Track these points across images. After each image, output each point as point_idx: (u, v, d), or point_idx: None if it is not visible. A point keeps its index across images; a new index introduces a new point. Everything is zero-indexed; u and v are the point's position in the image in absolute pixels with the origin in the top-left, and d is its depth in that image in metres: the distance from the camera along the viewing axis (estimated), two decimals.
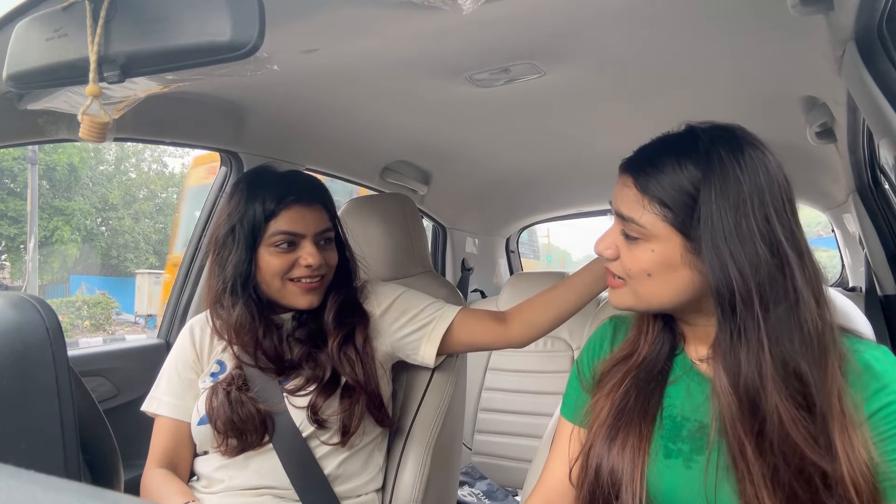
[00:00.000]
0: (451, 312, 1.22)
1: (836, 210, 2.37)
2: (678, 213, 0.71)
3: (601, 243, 0.80)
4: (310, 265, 1.11)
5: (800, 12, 0.88)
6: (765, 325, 0.67)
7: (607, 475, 0.76)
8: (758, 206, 0.68)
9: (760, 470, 0.66)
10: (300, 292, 1.13)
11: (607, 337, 0.90)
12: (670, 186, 0.71)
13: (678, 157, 0.72)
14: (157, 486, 1.09)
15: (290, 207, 1.11)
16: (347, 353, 1.14)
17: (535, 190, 2.59)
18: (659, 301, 0.76)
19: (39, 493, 0.28)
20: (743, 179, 0.69)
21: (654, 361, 0.81)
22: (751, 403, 0.68)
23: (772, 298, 0.67)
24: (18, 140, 1.19)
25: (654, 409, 0.77)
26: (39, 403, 0.60)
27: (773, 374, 0.67)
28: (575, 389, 0.90)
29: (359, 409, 1.12)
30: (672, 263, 0.73)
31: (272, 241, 1.11)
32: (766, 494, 0.66)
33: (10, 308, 0.62)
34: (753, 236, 0.67)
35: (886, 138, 0.85)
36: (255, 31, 0.64)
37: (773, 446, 0.66)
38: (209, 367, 1.17)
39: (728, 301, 0.68)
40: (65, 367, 0.63)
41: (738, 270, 0.67)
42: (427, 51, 1.19)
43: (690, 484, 0.73)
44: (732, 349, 0.69)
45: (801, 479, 0.65)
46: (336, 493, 1.12)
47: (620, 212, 0.76)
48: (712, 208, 0.69)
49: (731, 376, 0.69)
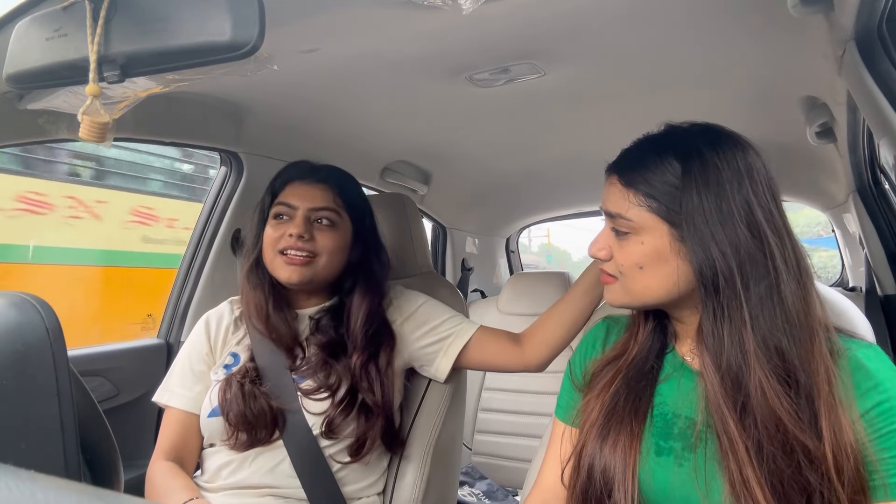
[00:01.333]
0: (470, 329, 1.22)
1: (836, 210, 2.37)
2: (662, 202, 0.73)
3: (594, 246, 0.82)
4: (292, 234, 1.12)
5: (800, 12, 0.88)
6: (746, 303, 0.69)
7: (599, 474, 0.76)
8: (737, 190, 0.71)
9: (744, 445, 0.68)
10: (283, 264, 1.13)
11: (599, 337, 0.91)
12: (653, 178, 0.74)
13: (659, 151, 0.75)
14: (163, 480, 1.09)
15: (292, 183, 1.18)
16: (369, 371, 1.14)
17: (535, 190, 2.59)
18: (651, 295, 0.77)
19: (39, 493, 0.28)
20: (721, 166, 0.72)
21: (645, 360, 0.82)
22: (733, 380, 0.70)
23: (752, 277, 0.70)
24: (18, 140, 1.19)
25: (644, 407, 0.78)
26: (39, 403, 0.60)
27: (755, 350, 0.68)
28: (567, 390, 0.90)
29: (374, 431, 1.12)
30: (662, 254, 0.74)
31: (272, 214, 1.17)
32: (751, 471, 0.67)
33: (10, 308, 0.62)
34: (733, 218, 0.70)
35: (886, 138, 0.85)
36: (255, 31, 0.64)
37: (757, 421, 0.68)
38: (223, 359, 1.17)
39: (711, 281, 0.71)
40: (65, 367, 0.62)
41: (719, 251, 0.70)
42: (427, 51, 1.19)
43: (682, 481, 0.73)
44: (715, 329, 0.71)
45: (785, 455, 0.66)
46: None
47: (608, 210, 0.79)
48: (693, 193, 0.72)
49: (715, 355, 0.71)
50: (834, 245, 2.78)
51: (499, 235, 3.16)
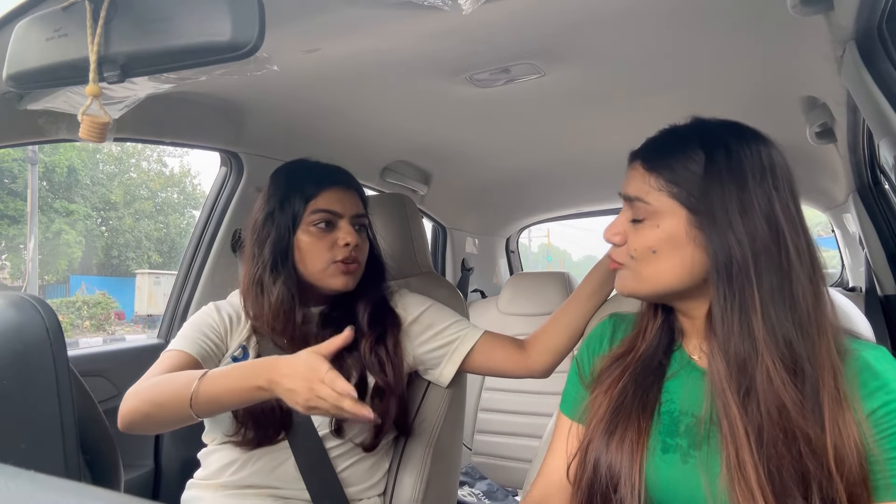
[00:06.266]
0: (475, 334, 1.21)
1: (836, 210, 2.37)
2: (684, 188, 0.74)
3: (609, 230, 0.82)
4: (348, 243, 1.12)
5: (800, 12, 0.88)
6: (758, 292, 0.70)
7: (605, 470, 0.76)
8: (759, 183, 0.72)
9: (744, 428, 0.68)
10: (338, 273, 1.13)
11: (607, 334, 0.91)
12: (677, 164, 0.75)
13: (685, 139, 0.76)
14: (163, 377, 0.98)
15: (330, 189, 1.15)
16: (379, 353, 1.14)
17: (535, 190, 2.59)
18: (664, 282, 0.77)
19: (39, 493, 0.28)
20: (746, 158, 0.73)
21: (652, 356, 0.82)
22: (740, 365, 0.70)
23: (766, 268, 0.70)
24: (18, 140, 1.19)
25: (652, 403, 0.78)
26: (39, 403, 0.60)
27: (764, 338, 0.69)
28: (574, 385, 0.90)
29: (390, 413, 1.12)
30: (677, 240, 0.75)
31: (311, 221, 1.13)
32: (747, 454, 0.67)
33: (10, 308, 0.62)
34: (753, 210, 0.71)
35: (886, 138, 0.85)
36: (255, 31, 0.64)
37: (759, 406, 0.68)
38: (233, 349, 1.15)
39: (725, 267, 0.71)
40: (65, 367, 0.62)
41: (736, 240, 0.71)
42: (427, 51, 1.19)
43: (688, 479, 0.73)
44: (725, 314, 0.71)
45: (785, 441, 0.67)
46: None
47: (628, 194, 0.79)
48: (716, 182, 0.72)
49: (723, 341, 0.71)
50: (834, 245, 2.78)
51: (499, 235, 3.16)
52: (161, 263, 14.48)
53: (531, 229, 3.89)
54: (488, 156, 2.11)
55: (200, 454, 1.16)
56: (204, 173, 17.57)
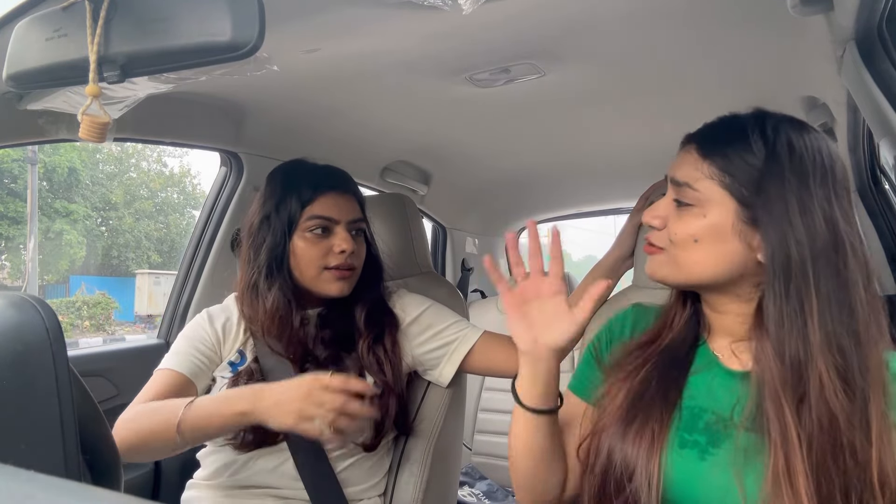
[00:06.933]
0: (474, 334, 1.21)
1: None
2: (738, 179, 0.72)
3: (650, 212, 0.80)
4: (343, 250, 1.11)
5: (800, 12, 0.88)
6: (816, 295, 0.68)
7: (620, 459, 0.75)
8: (821, 183, 0.70)
9: (797, 434, 0.66)
10: (333, 279, 1.13)
11: (628, 323, 0.89)
12: (733, 154, 0.73)
13: (746, 130, 0.73)
14: (152, 405, 1.01)
15: (326, 194, 1.14)
16: (377, 353, 1.14)
17: (535, 190, 2.59)
18: (700, 272, 0.75)
19: (39, 493, 0.28)
20: (808, 157, 0.71)
21: (678, 349, 0.80)
22: (795, 369, 0.68)
23: (824, 272, 0.68)
24: (18, 140, 1.19)
25: (675, 397, 0.77)
26: (39, 403, 0.60)
27: (819, 344, 0.67)
28: (590, 366, 0.88)
29: (390, 411, 1.12)
30: (722, 232, 0.73)
31: (307, 227, 1.12)
32: (799, 461, 0.65)
33: (10, 308, 0.62)
34: (814, 211, 0.69)
35: (886, 138, 0.85)
36: (255, 31, 0.64)
37: (812, 413, 0.66)
38: (229, 356, 1.15)
39: (783, 267, 0.69)
40: (65, 368, 0.62)
41: (795, 239, 0.68)
42: (427, 51, 1.19)
43: (703, 476, 0.72)
44: (781, 319, 0.69)
45: (833, 453, 0.65)
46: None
47: (676, 178, 0.77)
48: (777, 179, 0.70)
49: (778, 341, 0.69)
50: None
51: (499, 235, 3.15)
52: (161, 263, 14.47)
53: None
54: (488, 156, 2.11)
55: (200, 454, 1.16)
56: (204, 173, 17.55)
